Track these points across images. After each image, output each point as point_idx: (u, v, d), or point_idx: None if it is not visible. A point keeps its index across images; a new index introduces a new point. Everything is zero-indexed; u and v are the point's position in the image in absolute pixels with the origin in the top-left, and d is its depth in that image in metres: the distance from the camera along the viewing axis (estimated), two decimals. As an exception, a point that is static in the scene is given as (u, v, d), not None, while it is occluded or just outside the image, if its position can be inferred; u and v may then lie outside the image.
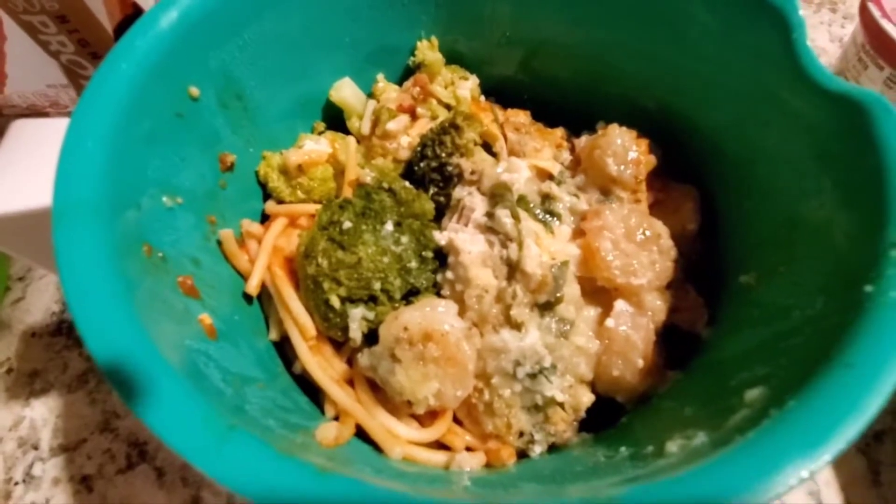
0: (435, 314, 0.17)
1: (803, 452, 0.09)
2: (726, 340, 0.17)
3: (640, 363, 0.18)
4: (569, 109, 0.26)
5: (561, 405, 0.18)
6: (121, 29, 0.25)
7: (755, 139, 0.19)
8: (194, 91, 0.18)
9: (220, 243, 0.20)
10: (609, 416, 0.19)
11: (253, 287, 0.19)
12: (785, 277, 0.15)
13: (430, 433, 0.17)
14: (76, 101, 0.38)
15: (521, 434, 0.18)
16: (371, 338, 0.18)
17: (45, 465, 0.25)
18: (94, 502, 0.24)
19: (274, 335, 0.20)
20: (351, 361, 0.19)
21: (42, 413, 0.26)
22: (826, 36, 0.44)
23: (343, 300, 0.18)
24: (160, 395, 0.10)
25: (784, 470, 0.09)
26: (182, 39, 0.17)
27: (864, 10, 0.31)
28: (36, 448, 0.25)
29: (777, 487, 0.08)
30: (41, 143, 0.16)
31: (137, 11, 0.25)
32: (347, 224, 0.18)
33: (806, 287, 0.14)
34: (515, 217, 0.18)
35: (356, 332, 0.18)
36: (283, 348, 0.20)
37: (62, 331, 0.29)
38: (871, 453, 0.25)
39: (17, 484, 0.24)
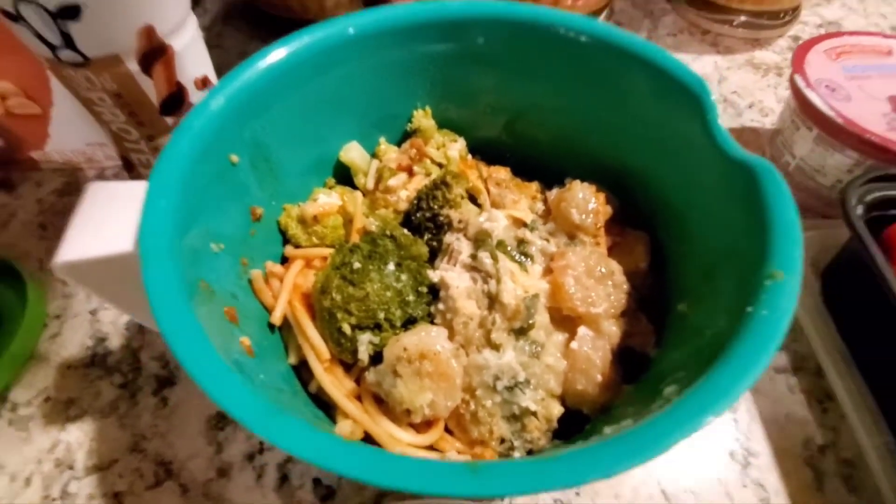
0: (429, 338, 0.21)
1: (686, 424, 0.13)
2: (665, 357, 0.21)
3: (599, 378, 0.22)
4: (544, 166, 0.31)
5: (535, 414, 0.21)
6: (165, 103, 0.30)
7: (689, 194, 0.24)
8: (234, 158, 0.23)
9: (250, 282, 0.24)
10: (578, 426, 0.22)
11: (277, 318, 0.23)
12: (706, 304, 0.19)
13: (426, 438, 0.21)
14: (111, 158, 0.42)
15: (503, 441, 0.22)
16: (375, 359, 0.22)
17: (80, 483, 0.27)
18: (124, 516, 0.26)
19: (293, 359, 0.24)
20: (358, 381, 0.23)
21: (77, 437, 0.29)
22: (773, 97, 0.50)
23: (353, 328, 0.22)
24: (229, 386, 0.13)
25: (672, 435, 0.12)
26: (226, 119, 0.22)
27: (792, 80, 0.37)
28: (71, 468, 0.28)
29: (665, 446, 0.12)
30: (114, 202, 0.20)
31: (180, 89, 0.30)
32: (357, 265, 0.22)
33: (716, 310, 0.18)
34: (494, 258, 0.23)
35: (364, 353, 0.21)
36: (300, 371, 0.24)
37: (95, 362, 0.32)
38: (816, 465, 0.28)
39: (54, 500, 0.27)
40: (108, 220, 0.19)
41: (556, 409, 0.22)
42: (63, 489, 0.27)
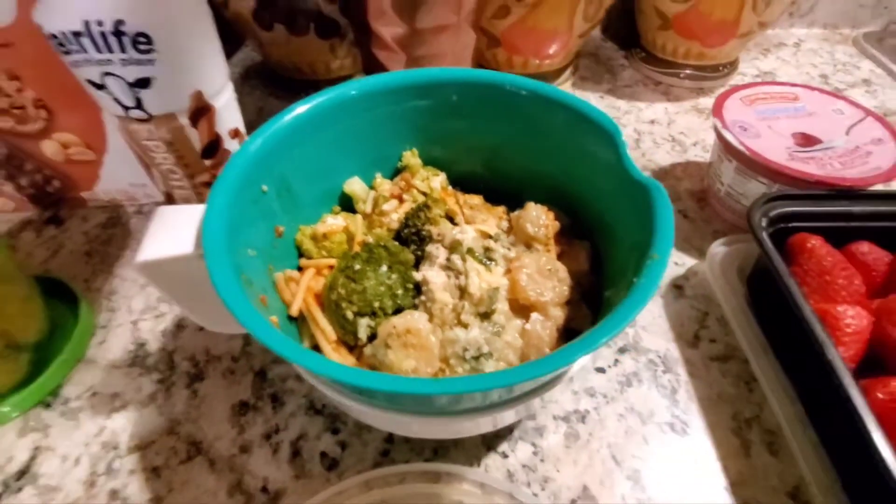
0: (413, 318, 0.27)
1: (583, 349, 0.19)
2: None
3: (547, 351, 0.28)
4: (511, 193, 0.38)
5: (497, 380, 0.27)
6: (205, 149, 0.37)
7: (611, 209, 0.31)
8: (264, 188, 0.30)
9: (274, 283, 0.30)
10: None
11: (295, 310, 0.29)
12: (618, 286, 0.26)
13: (411, 399, 0.26)
14: (149, 196, 0.50)
15: (473, 404, 0.27)
16: (371, 340, 0.28)
17: (122, 461, 0.32)
18: (161, 486, 0.31)
19: (306, 345, 0.30)
20: (357, 359, 0.29)
21: (121, 423, 0.34)
22: (713, 137, 0.58)
23: (355, 315, 0.28)
24: (279, 339, 0.20)
25: (575, 356, 0.19)
26: (261, 158, 0.29)
27: (714, 124, 0.45)
28: (116, 448, 0.33)
29: (569, 363, 0.19)
30: (176, 219, 0.27)
31: (218, 138, 0.37)
32: (358, 266, 0.29)
33: (621, 288, 0.24)
34: (464, 259, 0.29)
35: (363, 333, 0.27)
36: (311, 355, 0.30)
37: (136, 363, 0.38)
38: (744, 435, 0.33)
39: (100, 475, 0.32)
40: (172, 232, 0.26)
41: (515, 378, 0.28)
42: (108, 466, 0.32)
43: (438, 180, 0.38)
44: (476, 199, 0.37)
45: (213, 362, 0.37)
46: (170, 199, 0.41)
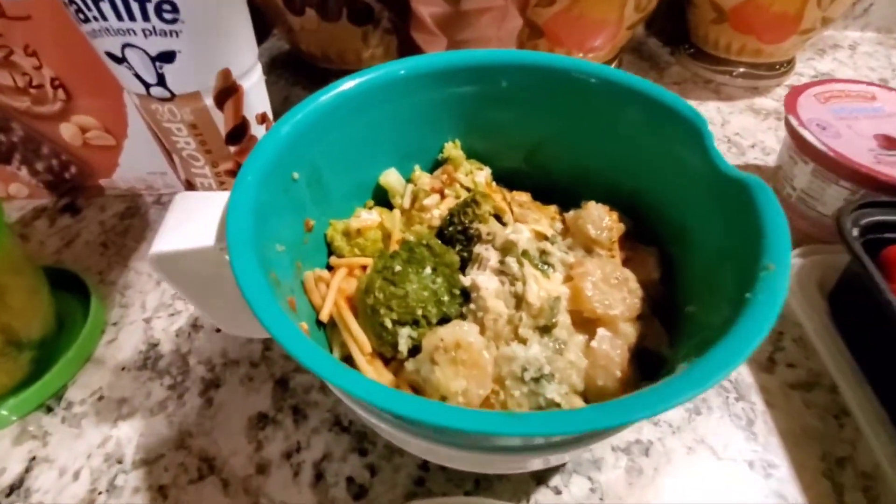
0: (463, 330, 0.23)
1: (689, 389, 0.15)
2: (678, 353, 0.23)
3: (619, 374, 0.24)
4: (560, 191, 0.34)
5: (559, 406, 0.23)
6: (231, 134, 0.34)
7: (686, 209, 0.27)
8: (295, 175, 0.27)
9: (302, 283, 0.27)
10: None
11: (325, 315, 0.26)
12: (709, 301, 0.22)
13: (459, 425, 0.23)
14: (168, 186, 0.47)
15: (529, 432, 0.23)
16: (412, 354, 0.24)
17: (127, 477, 0.29)
18: (169, 507, 0.28)
19: (337, 355, 0.26)
20: (395, 374, 0.25)
21: (127, 433, 0.31)
22: (774, 138, 0.54)
23: (394, 323, 0.24)
24: (310, 350, 0.16)
25: (678, 396, 0.15)
26: (292, 142, 0.26)
27: (787, 120, 0.41)
28: (120, 462, 0.30)
29: (673, 404, 0.14)
30: (197, 207, 0.23)
31: (244, 122, 0.34)
32: (398, 268, 0.25)
33: (720, 303, 0.20)
34: (520, 263, 0.25)
35: (403, 345, 0.24)
36: (341, 367, 0.26)
37: (147, 365, 0.34)
38: (835, 478, 0.29)
39: (100, 493, 0.29)
40: (192, 222, 0.23)
41: (579, 404, 0.24)
42: (110, 482, 0.29)
43: (483, 175, 0.34)
44: (524, 197, 0.33)
45: (231, 367, 0.34)
46: (191, 189, 0.38)
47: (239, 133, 0.34)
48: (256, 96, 0.34)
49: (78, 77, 0.38)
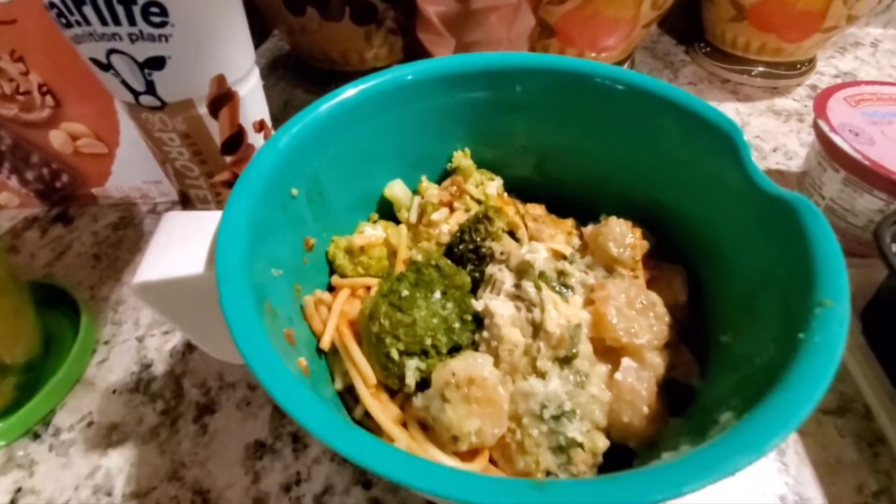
0: (476, 364, 0.21)
1: (747, 452, 0.13)
2: (712, 387, 0.21)
3: (646, 410, 0.22)
4: (576, 203, 0.32)
5: (581, 446, 0.21)
6: (226, 143, 0.32)
7: (721, 227, 0.25)
8: (294, 191, 0.25)
9: (301, 308, 0.25)
10: (623, 461, 0.22)
11: (326, 343, 0.24)
12: (750, 334, 0.20)
13: (472, 468, 0.21)
14: (164, 195, 0.45)
15: (548, 473, 0.21)
16: (420, 387, 0.22)
17: (116, 510, 0.28)
18: (160, 545, 0.26)
19: (339, 385, 0.24)
20: (402, 408, 0.23)
21: (117, 462, 0.29)
22: (796, 142, 0.51)
23: (401, 353, 0.22)
24: (300, 398, 0.14)
25: (732, 462, 0.13)
26: (291, 154, 0.24)
27: (816, 125, 0.38)
28: (109, 495, 0.28)
29: (734, 466, 0.12)
30: (186, 229, 0.21)
31: (241, 131, 0.32)
32: (405, 292, 0.23)
33: (763, 339, 0.18)
34: (538, 287, 0.23)
35: (411, 378, 0.22)
36: (344, 398, 0.24)
37: (139, 388, 0.33)
38: (874, 512, 0.27)
39: (89, 527, 0.27)
40: (181, 246, 0.21)
41: (602, 442, 0.22)
42: (100, 516, 0.27)
43: (494, 186, 0.32)
44: (539, 210, 0.31)
45: (227, 391, 0.32)
46: (185, 200, 0.36)
47: (235, 142, 0.32)
48: (253, 103, 0.32)
49: (66, 83, 0.36)
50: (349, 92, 0.25)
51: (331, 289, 0.28)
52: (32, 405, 0.31)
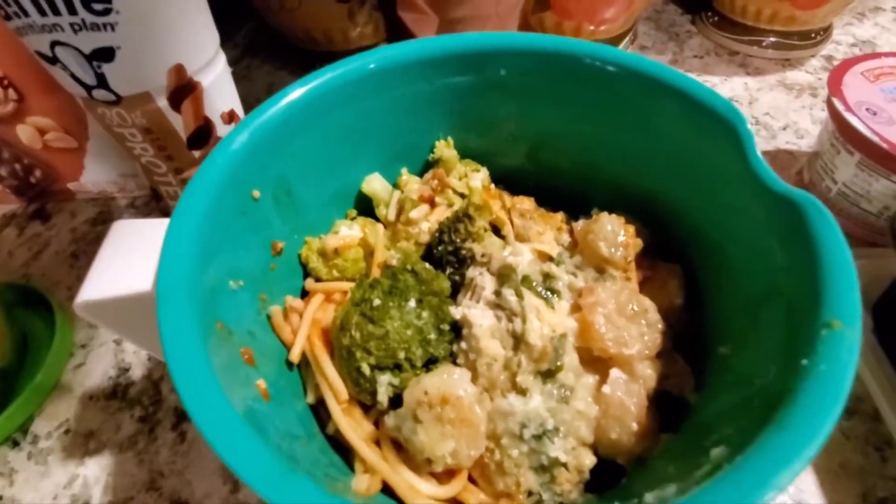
0: (451, 380, 0.20)
1: (741, 498, 0.11)
2: (707, 404, 0.19)
3: (635, 426, 0.20)
4: (569, 194, 0.30)
5: (565, 465, 0.20)
6: (193, 137, 0.30)
7: (725, 224, 0.22)
8: (256, 193, 0.23)
9: (269, 318, 0.23)
10: (613, 478, 0.21)
11: (295, 356, 0.23)
12: (751, 349, 0.18)
13: (448, 490, 0.19)
14: (143, 188, 0.43)
15: (530, 493, 0.20)
16: (395, 401, 0.21)
17: (94, 521, 0.27)
18: (137, 558, 0.26)
19: (311, 398, 0.23)
20: (377, 424, 0.22)
21: (94, 472, 0.29)
22: (808, 118, 0.48)
23: (372, 368, 0.21)
24: (237, 443, 0.13)
25: None
26: (248, 155, 0.22)
27: (830, 103, 0.35)
28: (87, 504, 0.28)
29: None
30: (137, 240, 0.20)
31: (208, 123, 0.30)
32: (377, 301, 0.22)
33: (764, 357, 0.16)
34: (519, 296, 0.22)
35: (383, 395, 0.20)
36: (318, 411, 0.23)
37: (117, 394, 0.32)
38: (879, 521, 0.25)
39: (67, 539, 0.27)
40: (129, 260, 0.19)
41: (588, 460, 0.20)
42: (78, 527, 0.27)
43: (479, 178, 0.30)
44: (527, 203, 0.29)
45: (206, 395, 0.31)
46: (157, 197, 0.34)
47: (202, 136, 0.30)
48: (220, 93, 0.30)
49: (28, 75, 0.34)
50: (296, 92, 0.23)
51: (306, 293, 0.27)
52: (11, 411, 0.30)
